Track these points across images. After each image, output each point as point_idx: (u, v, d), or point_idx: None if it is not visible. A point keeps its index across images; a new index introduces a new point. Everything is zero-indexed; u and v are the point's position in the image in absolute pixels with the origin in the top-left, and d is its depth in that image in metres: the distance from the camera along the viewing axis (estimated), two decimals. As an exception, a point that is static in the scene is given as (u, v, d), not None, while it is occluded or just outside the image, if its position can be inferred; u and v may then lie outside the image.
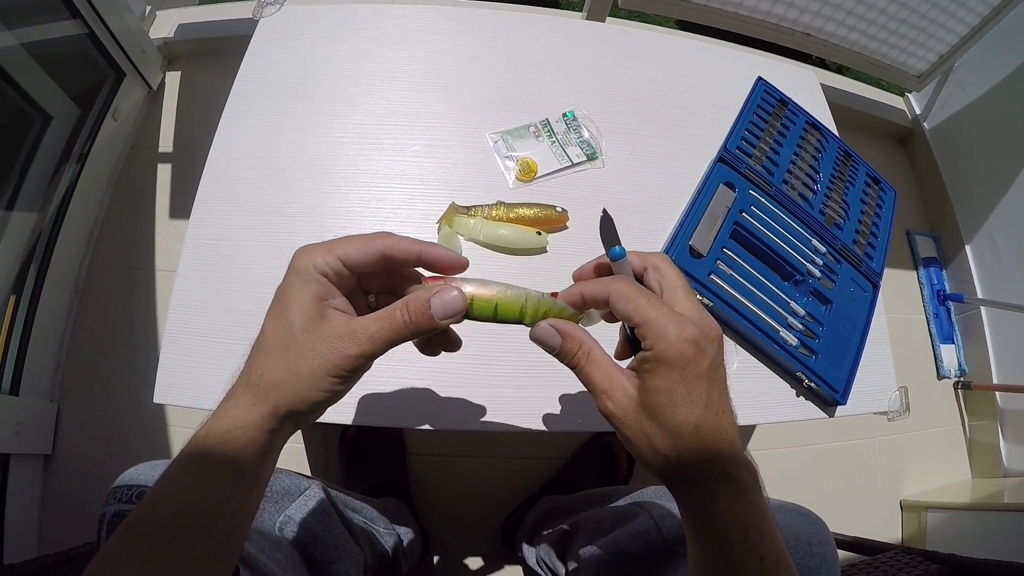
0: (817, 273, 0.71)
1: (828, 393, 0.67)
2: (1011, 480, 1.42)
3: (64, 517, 1.14)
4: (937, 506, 1.34)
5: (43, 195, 1.24)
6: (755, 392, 0.67)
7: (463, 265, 0.39)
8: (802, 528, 0.51)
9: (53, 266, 1.23)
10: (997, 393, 1.46)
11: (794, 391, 0.68)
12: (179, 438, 1.19)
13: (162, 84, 1.47)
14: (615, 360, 0.39)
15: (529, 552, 0.95)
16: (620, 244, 0.40)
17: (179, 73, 1.48)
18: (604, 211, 0.44)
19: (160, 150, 1.41)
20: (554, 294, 0.40)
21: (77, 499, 1.13)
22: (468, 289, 0.38)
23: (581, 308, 0.40)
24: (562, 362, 0.39)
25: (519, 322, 0.39)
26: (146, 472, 0.49)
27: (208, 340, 0.61)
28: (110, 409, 1.20)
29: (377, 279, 0.41)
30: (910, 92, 1.75)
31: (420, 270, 0.41)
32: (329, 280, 0.36)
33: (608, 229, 0.43)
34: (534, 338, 0.40)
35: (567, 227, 0.70)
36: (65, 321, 1.27)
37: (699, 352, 0.35)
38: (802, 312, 0.69)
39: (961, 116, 1.62)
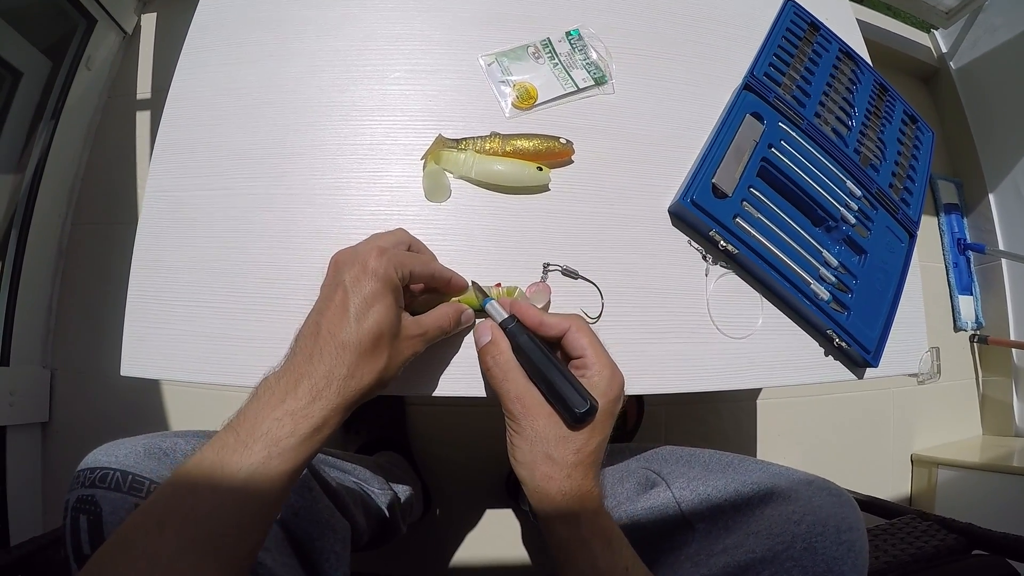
0: (852, 219, 0.63)
1: (859, 354, 0.60)
2: (1022, 441, 1.40)
3: (67, 484, 1.11)
4: (948, 463, 1.32)
5: (19, 155, 1.21)
6: (780, 351, 0.60)
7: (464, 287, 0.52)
8: (832, 511, 0.46)
9: (34, 228, 1.21)
10: (1014, 350, 1.42)
11: (822, 350, 0.62)
12: (175, 397, 1.19)
13: (137, 27, 1.41)
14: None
15: None
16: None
17: (155, 15, 1.42)
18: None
19: (138, 97, 1.37)
20: (498, 285, 0.54)
21: (79, 464, 1.14)
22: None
23: (537, 329, 0.48)
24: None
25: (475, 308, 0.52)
26: (109, 452, 0.47)
27: (174, 303, 0.55)
28: (105, 370, 1.19)
29: None
30: (936, 29, 1.64)
31: None
32: (400, 286, 0.44)
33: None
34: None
35: (572, 161, 0.61)
36: (51, 284, 1.25)
37: (617, 403, 0.45)
38: (835, 263, 0.61)
39: (989, 58, 1.53)
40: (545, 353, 0.45)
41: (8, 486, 1.09)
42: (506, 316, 0.48)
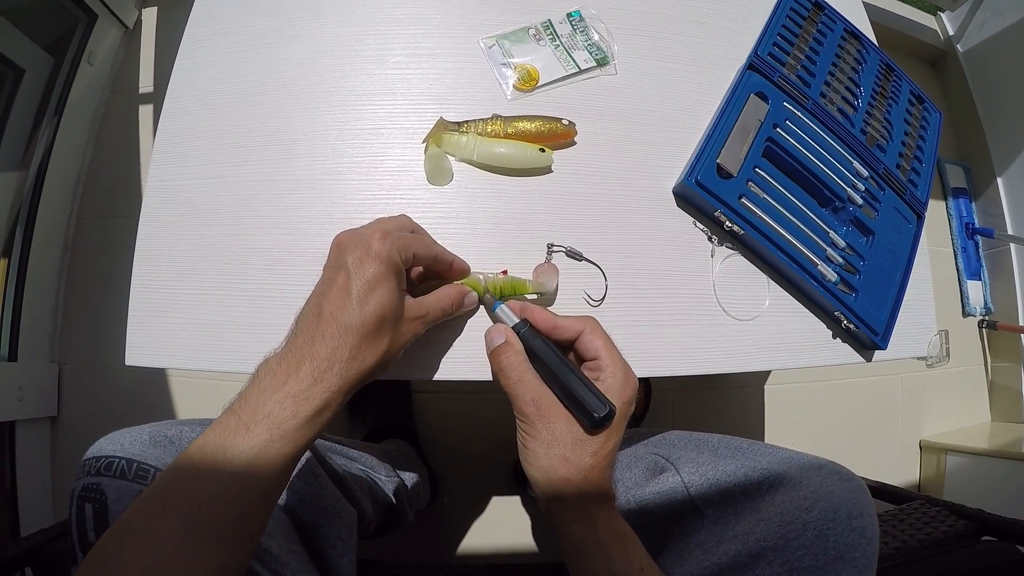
0: (859, 200, 0.62)
1: (867, 336, 0.59)
2: (1031, 428, 1.38)
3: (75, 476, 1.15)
4: (957, 450, 1.30)
5: (23, 152, 1.21)
6: (787, 333, 0.60)
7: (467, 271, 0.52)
8: (843, 496, 0.45)
9: (39, 224, 1.21)
10: (1023, 336, 1.40)
11: (830, 332, 0.61)
12: (182, 389, 1.20)
13: (138, 22, 1.40)
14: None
15: None
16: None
17: (155, 8, 1.41)
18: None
19: (140, 91, 1.37)
20: (504, 272, 0.53)
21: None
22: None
23: (550, 333, 0.47)
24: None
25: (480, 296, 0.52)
26: (115, 441, 0.46)
27: (177, 292, 0.55)
28: (112, 363, 1.19)
29: None
30: (943, 11, 1.61)
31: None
32: (403, 268, 0.43)
33: None
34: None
35: (575, 143, 0.61)
36: (58, 279, 1.25)
37: (631, 405, 0.45)
38: (843, 244, 0.61)
39: (997, 41, 1.50)
40: (560, 357, 0.45)
41: (18, 479, 1.10)
42: (518, 321, 0.47)
